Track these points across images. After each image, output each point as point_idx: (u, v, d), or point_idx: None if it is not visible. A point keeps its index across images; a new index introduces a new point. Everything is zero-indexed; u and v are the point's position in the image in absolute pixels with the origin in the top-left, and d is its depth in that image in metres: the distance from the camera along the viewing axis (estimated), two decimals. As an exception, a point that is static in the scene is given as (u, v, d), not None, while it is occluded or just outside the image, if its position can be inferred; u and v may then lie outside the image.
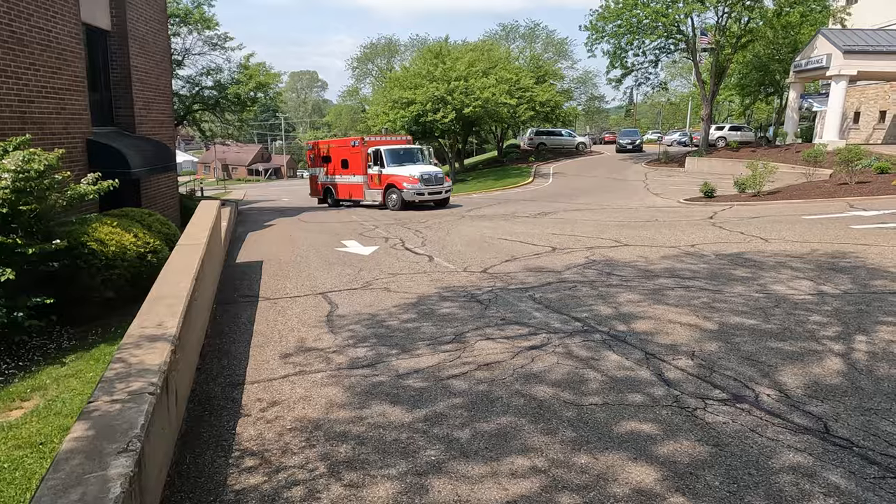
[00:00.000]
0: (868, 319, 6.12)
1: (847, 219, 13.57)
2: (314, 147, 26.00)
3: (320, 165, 25.06)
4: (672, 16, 31.24)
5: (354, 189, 23.31)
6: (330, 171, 24.50)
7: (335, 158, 24.05)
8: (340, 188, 24.03)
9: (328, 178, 24.73)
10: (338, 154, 23.99)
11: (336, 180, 24.21)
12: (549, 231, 14.21)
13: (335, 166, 24.08)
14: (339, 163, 23.72)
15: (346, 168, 23.51)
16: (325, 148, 25.11)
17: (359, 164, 22.79)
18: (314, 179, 25.93)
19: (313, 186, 26.02)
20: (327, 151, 24.67)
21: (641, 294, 7.62)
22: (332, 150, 24.54)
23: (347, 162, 23.37)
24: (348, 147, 23.64)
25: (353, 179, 23.24)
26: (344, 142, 25.23)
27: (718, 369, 4.99)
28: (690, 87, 63.47)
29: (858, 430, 3.81)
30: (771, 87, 38.95)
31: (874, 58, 26.40)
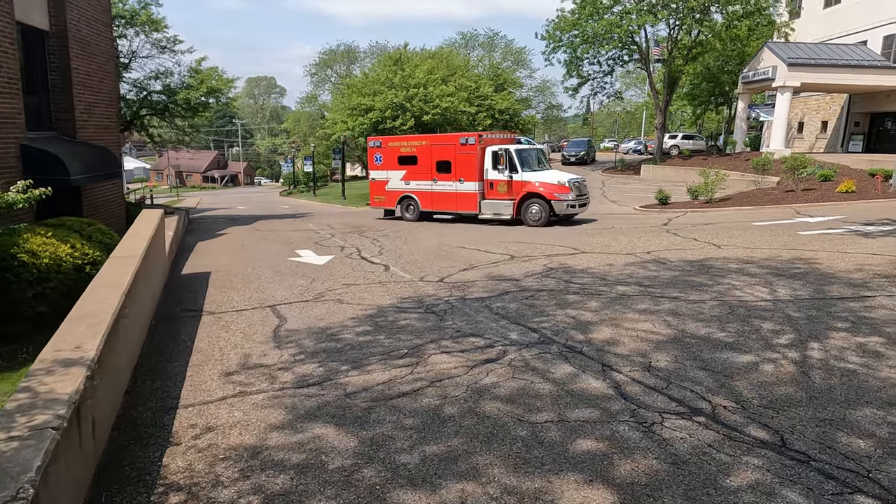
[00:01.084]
0: (820, 326, 6.15)
1: (795, 225, 13.94)
2: (382, 145, 20.16)
3: (393, 168, 19.65)
4: (626, 27, 31.89)
5: (462, 199, 18.23)
6: (413, 176, 19.21)
7: (425, 160, 18.82)
8: (435, 197, 18.81)
9: (408, 184, 19.35)
10: (430, 154, 18.76)
11: (424, 187, 18.97)
12: (507, 239, 14.12)
13: (425, 169, 18.82)
14: (434, 166, 18.59)
15: (445, 172, 18.41)
16: (406, 146, 19.58)
17: (471, 168, 17.87)
18: (379, 186, 20.28)
19: (378, 194, 20.42)
20: (411, 150, 19.27)
21: (599, 302, 7.53)
22: (422, 149, 19.02)
23: (450, 165, 18.29)
24: (454, 145, 18.38)
25: (459, 187, 18.15)
26: (442, 138, 20.03)
27: (676, 380, 4.89)
28: (645, 96, 65.09)
29: (814, 443, 3.74)
30: (721, 97, 40.20)
31: (816, 70, 27.51)
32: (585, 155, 44.62)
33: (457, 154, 18.24)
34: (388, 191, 20.07)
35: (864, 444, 3.70)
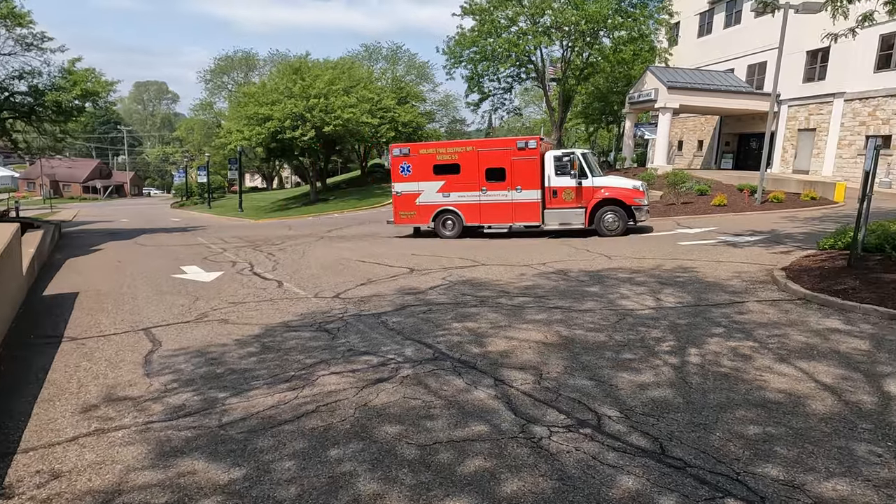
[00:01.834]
0: (699, 332, 6.50)
1: (675, 236, 14.92)
2: (411, 153, 17.47)
3: (426, 178, 17.10)
4: (523, 46, 33.12)
5: (521, 209, 16.35)
6: (454, 187, 16.85)
7: (471, 167, 16.61)
8: (485, 209, 16.72)
9: (447, 196, 16.98)
10: (478, 161, 16.59)
11: (469, 199, 16.78)
12: (408, 252, 13.99)
13: (471, 179, 16.65)
14: (483, 174, 16.57)
15: (498, 180, 16.47)
16: (445, 153, 17.06)
17: (531, 175, 16.12)
18: (407, 200, 17.50)
19: (406, 209, 17.61)
20: (452, 158, 16.87)
21: (495, 315, 7.55)
22: (466, 155, 16.73)
23: (504, 172, 16.38)
24: (510, 150, 16.38)
25: (516, 196, 16.31)
26: (493, 143, 17.85)
27: (565, 391, 4.92)
28: (542, 113, 67.90)
29: (691, 449, 3.85)
30: (611, 115, 42.73)
31: (692, 94, 29.93)
32: None
33: (513, 160, 16.32)
34: (419, 205, 17.28)
35: (734, 447, 3.86)
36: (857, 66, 24.86)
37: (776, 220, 17.06)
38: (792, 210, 19.01)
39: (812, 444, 3.88)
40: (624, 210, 15.60)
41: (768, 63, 28.43)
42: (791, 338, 6.18)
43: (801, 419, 4.27)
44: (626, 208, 15.60)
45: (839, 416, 4.31)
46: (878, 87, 24.07)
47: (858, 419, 4.25)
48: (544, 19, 33.17)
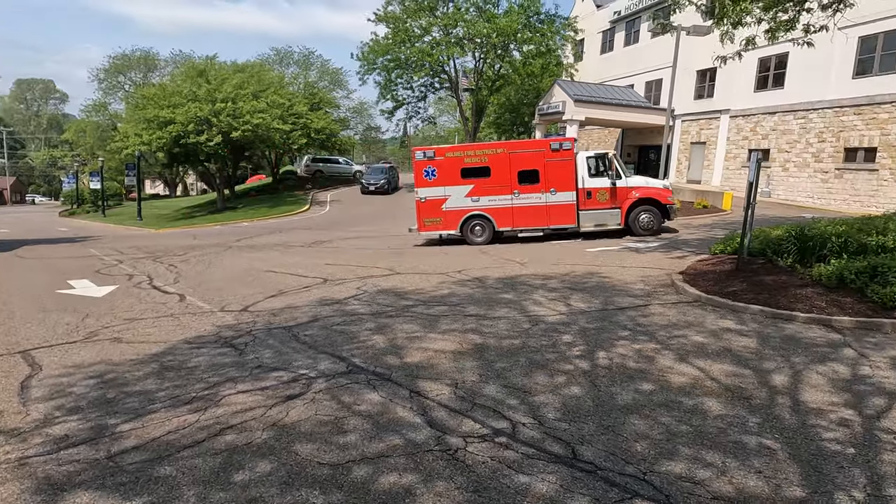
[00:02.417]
0: (606, 335, 6.75)
1: (583, 243, 15.53)
2: (436, 156, 16.57)
3: (453, 182, 16.28)
4: (436, 56, 33.50)
5: (556, 212, 16.08)
6: (484, 191, 16.22)
7: (502, 170, 16.05)
8: (517, 213, 16.21)
9: (476, 200, 16.31)
10: (509, 163, 16.05)
11: (500, 203, 16.20)
12: (322, 261, 13.64)
13: (502, 182, 16.11)
14: (515, 176, 16.07)
15: (531, 183, 16.04)
16: (474, 156, 16.42)
17: (566, 176, 15.85)
18: (432, 206, 16.47)
19: (430, 215, 16.56)
20: (481, 160, 16.23)
21: (411, 325, 7.48)
22: (497, 157, 16.14)
23: (538, 174, 15.98)
24: (543, 152, 16.07)
25: (551, 199, 15.99)
26: (525, 144, 17.44)
27: (480, 400, 4.93)
28: (456, 122, 68.98)
29: (601, 451, 3.96)
30: (522, 126, 44.11)
31: (596, 107, 31.47)
32: (387, 184, 38.11)
33: (546, 161, 15.97)
34: (445, 211, 16.36)
35: (641, 447, 4.01)
36: (740, 86, 27.17)
37: (674, 226, 18.20)
38: (687, 217, 20.38)
39: (710, 440, 4.10)
40: (659, 209, 15.93)
41: (664, 80, 30.43)
42: (689, 339, 6.56)
43: (700, 417, 4.51)
44: (662, 207, 15.98)
45: (733, 411, 4.60)
46: (757, 105, 26.41)
47: (749, 414, 4.55)
48: (457, 31, 33.78)
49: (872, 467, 3.69)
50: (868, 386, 5.08)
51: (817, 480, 3.55)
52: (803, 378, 5.29)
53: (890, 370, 5.47)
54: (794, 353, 6.01)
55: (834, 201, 22.57)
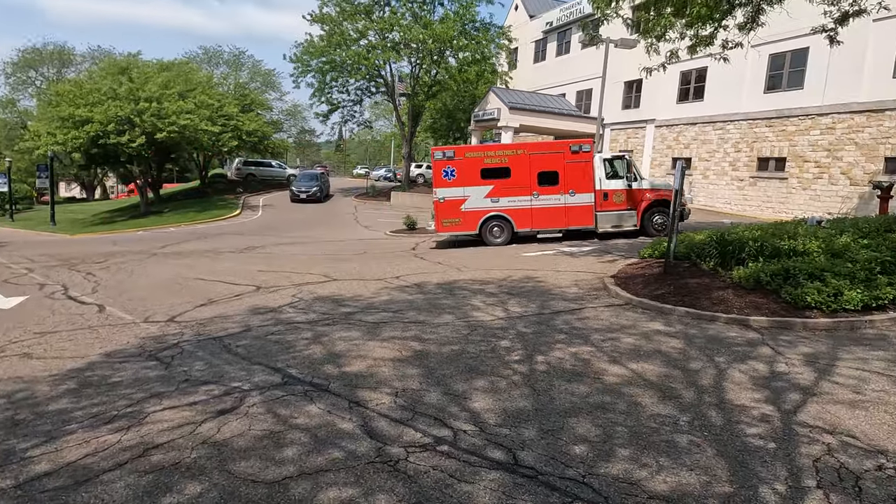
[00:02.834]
0: (544, 339, 6.87)
1: (518, 247, 15.81)
2: (455, 156, 16.51)
3: (473, 183, 16.26)
4: (372, 60, 33.26)
5: (575, 213, 16.29)
6: (504, 192, 16.29)
7: (522, 171, 16.16)
8: (537, 214, 16.36)
9: (496, 201, 16.36)
10: (530, 165, 16.19)
11: (520, 204, 16.29)
12: (254, 268, 13.19)
13: (522, 183, 16.22)
14: (535, 177, 16.23)
15: (551, 184, 16.25)
16: (494, 156, 16.55)
17: (584, 178, 16.15)
18: (451, 206, 16.39)
19: (449, 216, 16.49)
20: (502, 161, 16.34)
21: (349, 332, 7.34)
22: (517, 159, 16.29)
23: (558, 175, 16.19)
24: (562, 153, 16.29)
25: (570, 200, 16.18)
26: (545, 146, 17.35)
27: (421, 409, 4.88)
28: (393, 127, 68.75)
29: (541, 456, 4.00)
30: (458, 132, 44.49)
31: (530, 114, 32.19)
32: (319, 191, 36.12)
33: (566, 163, 16.17)
34: (464, 211, 16.33)
35: (579, 450, 4.09)
36: (664, 98, 28.55)
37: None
38: (617, 223, 21.12)
39: (644, 441, 4.24)
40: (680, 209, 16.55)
41: (594, 90, 31.53)
42: (622, 341, 6.78)
43: (634, 418, 4.66)
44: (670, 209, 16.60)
45: (664, 411, 4.78)
46: (680, 116, 27.83)
47: (680, 413, 4.74)
48: (393, 35, 33.69)
49: (792, 460, 3.92)
50: (784, 382, 5.41)
51: (743, 475, 3.73)
52: (727, 376, 5.57)
53: (803, 366, 5.85)
54: (718, 352, 6.32)
55: (749, 207, 24.09)
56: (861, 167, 20.05)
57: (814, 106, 21.64)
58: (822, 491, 3.52)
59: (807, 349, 6.43)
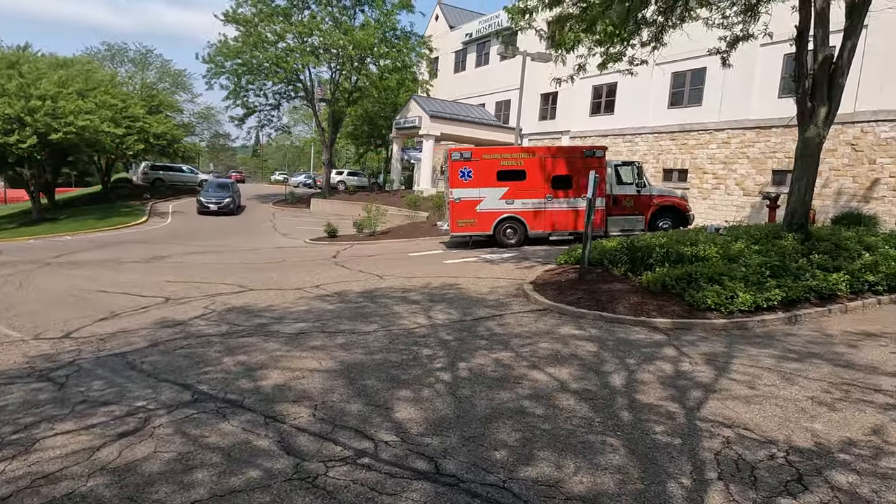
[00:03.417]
0: (467, 346, 6.93)
1: (441, 255, 15.92)
2: (472, 157, 16.64)
3: (489, 185, 16.47)
4: (291, 64, 32.50)
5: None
6: (518, 194, 16.59)
7: (537, 174, 16.54)
8: (549, 217, 16.74)
9: (510, 203, 16.62)
10: (544, 168, 16.54)
11: (534, 206, 16.66)
12: (163, 279, 12.46)
13: (536, 186, 16.58)
14: (549, 181, 16.64)
15: (564, 188, 16.68)
16: (510, 159, 16.73)
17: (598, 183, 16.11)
18: (467, 207, 16.46)
19: (465, 216, 16.54)
20: (517, 164, 16.59)
21: (268, 344, 7.07)
22: (532, 162, 16.63)
23: (571, 180, 16.64)
24: (577, 158, 16.69)
25: (583, 204, 15.78)
26: (560, 150, 17.72)
27: (342, 421, 4.77)
28: (313, 132, 67.46)
29: (463, 463, 4.02)
30: (379, 139, 44.31)
31: (451, 123, 32.61)
32: (232, 202, 32.29)
33: (579, 168, 16.45)
34: (480, 212, 16.44)
35: (500, 455, 4.15)
36: (578, 110, 29.80)
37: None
38: (535, 230, 21.76)
39: (562, 443, 4.36)
40: (678, 216, 17.06)
41: (512, 101, 32.41)
42: (540, 346, 6.96)
43: (552, 421, 4.78)
44: (681, 214, 17.14)
45: (580, 413, 4.94)
46: (593, 128, 29.14)
47: (594, 414, 4.92)
48: (312, 40, 33.09)
49: (695, 454, 4.16)
50: (688, 381, 5.75)
51: (653, 472, 3.91)
52: (637, 377, 5.85)
53: (704, 365, 6.25)
54: (629, 354, 6.63)
55: (656, 215, 25.54)
56: (752, 179, 21.81)
57: (711, 122, 23.33)
58: (723, 482, 3.76)
59: (707, 348, 6.88)
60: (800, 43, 10.63)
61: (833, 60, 10.17)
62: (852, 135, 18.86)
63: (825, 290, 8.88)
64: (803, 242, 10.21)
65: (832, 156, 18.83)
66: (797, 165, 10.72)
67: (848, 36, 10.10)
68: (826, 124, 10.34)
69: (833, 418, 4.83)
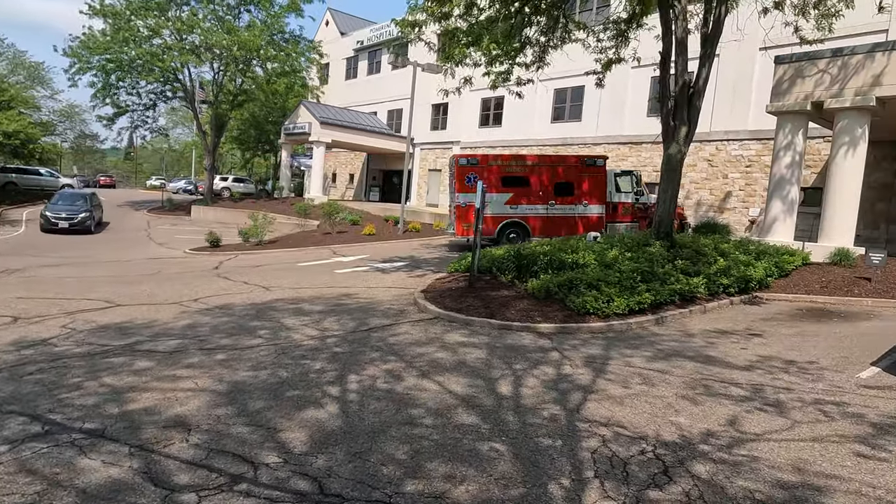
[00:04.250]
0: (358, 358, 6.78)
1: (332, 264, 15.59)
2: (479, 163, 17.18)
3: (494, 190, 16.78)
4: (168, 62, 30.43)
5: (587, 224, 17.29)
6: (522, 200, 17.28)
7: (540, 181, 17.27)
8: (551, 223, 17.31)
9: (514, 208, 17.24)
10: (547, 175, 17.31)
11: (536, 212, 17.32)
12: (12, 294, 11.07)
13: (539, 192, 17.31)
14: (552, 188, 17.34)
15: (566, 195, 17.35)
16: (515, 165, 17.59)
17: (598, 190, 17.40)
18: (470, 212, 16.05)
19: (469, 221, 16.12)
20: (521, 171, 17.44)
21: (136, 364, 6.48)
22: (535, 169, 17.45)
23: (573, 187, 17.38)
24: (579, 166, 17.48)
25: (583, 211, 17.36)
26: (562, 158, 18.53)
27: (220, 445, 4.46)
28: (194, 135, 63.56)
29: (348, 481, 3.90)
30: (267, 144, 42.64)
31: (342, 130, 32.18)
32: (89, 219, 25.59)
33: (581, 176, 17.32)
34: (485, 216, 15.56)
35: (387, 470, 4.08)
36: (468, 121, 30.58)
37: (415, 247, 19.48)
38: (427, 238, 22.00)
39: (449, 452, 4.37)
40: (678, 224, 17.42)
41: (404, 110, 32.61)
42: (432, 355, 6.99)
43: (440, 430, 4.79)
44: (681, 223, 17.67)
45: (468, 420, 5.00)
46: (482, 139, 30.02)
47: (482, 421, 5.00)
48: (193, 37, 31.22)
49: (575, 455, 4.35)
50: (569, 383, 6.03)
51: (535, 475, 4.04)
52: (523, 382, 6.04)
53: (584, 367, 6.59)
54: (515, 360, 6.84)
55: (541, 224, 26.76)
56: (626, 190, 23.53)
57: (590, 136, 24.91)
58: (599, 480, 3.96)
59: (587, 351, 7.27)
60: (663, 68, 11.65)
61: (691, 85, 11.24)
62: (709, 152, 20.96)
63: (687, 292, 9.74)
64: (669, 249, 11.15)
65: (693, 170, 20.81)
66: (663, 179, 11.71)
67: (703, 63, 11.21)
68: (686, 142, 11.39)
69: (695, 412, 5.27)
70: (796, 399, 5.64)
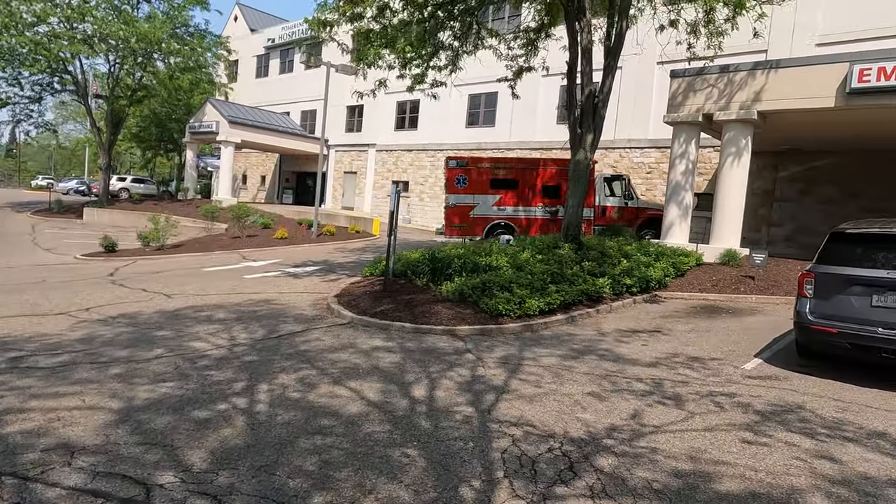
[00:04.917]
0: (268, 367, 6.50)
1: (242, 269, 14.95)
2: (468, 165, 17.56)
3: (482, 192, 17.36)
4: (55, 52, 28.04)
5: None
6: (509, 201, 17.54)
7: (528, 183, 17.53)
8: (538, 224, 17.59)
9: (502, 209, 17.56)
10: (535, 177, 17.53)
11: (524, 213, 17.59)
12: None
13: (527, 194, 17.53)
14: (540, 190, 17.52)
15: (553, 197, 17.42)
16: (503, 168, 17.91)
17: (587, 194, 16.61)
18: (461, 212, 17.32)
19: (459, 221, 17.36)
20: (509, 173, 17.68)
21: (15, 382, 5.85)
22: (524, 171, 17.66)
23: (560, 189, 16.99)
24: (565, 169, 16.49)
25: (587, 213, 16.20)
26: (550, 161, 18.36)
27: (108, 467, 4.11)
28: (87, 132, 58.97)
29: (252, 498, 3.72)
30: (171, 143, 40.35)
31: (253, 130, 31.04)
32: None
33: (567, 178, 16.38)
34: (473, 217, 17.40)
35: (294, 483, 3.92)
36: (384, 124, 30.43)
37: (330, 251, 19.09)
38: (342, 242, 21.64)
39: (360, 461, 4.28)
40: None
41: (318, 111, 31.93)
42: (346, 361, 6.84)
43: (351, 439, 4.69)
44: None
45: (380, 427, 4.92)
46: (398, 143, 29.98)
47: (394, 427, 4.94)
48: (85, 26, 28.94)
49: (485, 456, 4.40)
50: (483, 385, 6.10)
51: (446, 478, 4.03)
52: (437, 385, 6.04)
53: (497, 368, 6.70)
54: (431, 363, 6.84)
55: (457, 227, 27.08)
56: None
57: (503, 141, 25.52)
58: (508, 480, 4.02)
59: (501, 352, 7.40)
60: (570, 77, 12.13)
61: (596, 94, 11.78)
62: (613, 159, 22.09)
63: (594, 292, 10.17)
64: (577, 251, 11.60)
65: (599, 176, 21.82)
66: (570, 184, 12.19)
67: (606, 74, 11.78)
68: (592, 149, 11.92)
69: (601, 408, 5.49)
70: (692, 392, 6.01)
